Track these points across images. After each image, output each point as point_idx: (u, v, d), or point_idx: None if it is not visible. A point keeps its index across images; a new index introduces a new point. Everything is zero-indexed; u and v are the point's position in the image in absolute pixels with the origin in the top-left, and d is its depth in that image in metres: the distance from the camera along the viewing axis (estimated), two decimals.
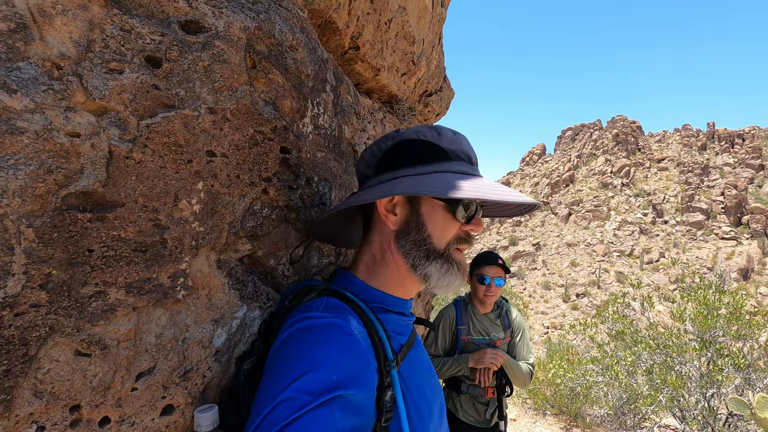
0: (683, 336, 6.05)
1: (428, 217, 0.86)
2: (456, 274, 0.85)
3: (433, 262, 0.85)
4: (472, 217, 0.88)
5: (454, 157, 0.88)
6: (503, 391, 2.49)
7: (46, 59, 0.61)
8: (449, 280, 0.85)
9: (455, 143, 0.89)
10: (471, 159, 0.90)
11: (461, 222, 0.86)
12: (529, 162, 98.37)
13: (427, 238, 0.85)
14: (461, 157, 0.89)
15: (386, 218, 0.89)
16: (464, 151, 0.90)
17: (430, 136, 0.89)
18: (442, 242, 0.85)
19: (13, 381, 0.58)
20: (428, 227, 0.86)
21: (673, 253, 50.02)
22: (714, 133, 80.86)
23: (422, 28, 2.41)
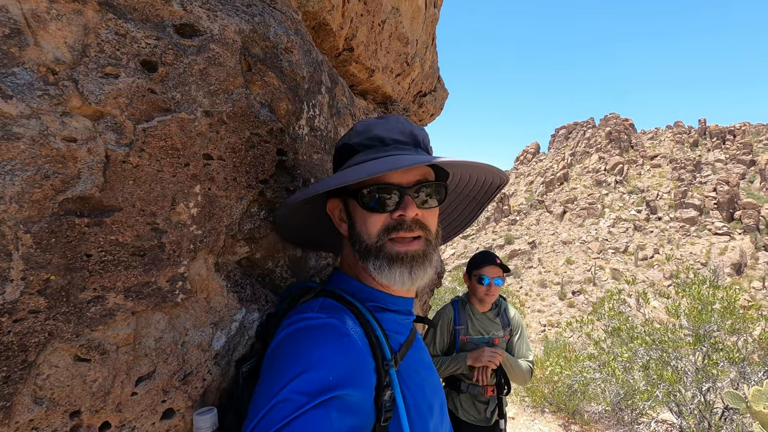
0: (678, 331, 6.10)
1: (354, 217, 0.86)
2: (388, 269, 0.80)
3: (368, 260, 0.83)
4: (398, 202, 0.81)
5: (360, 147, 0.87)
6: (502, 390, 2.49)
7: (41, 64, 0.61)
8: (387, 276, 0.81)
9: (363, 133, 0.88)
10: (384, 140, 0.86)
11: (379, 211, 0.81)
12: (524, 161, 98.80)
13: (359, 237, 0.85)
14: (369, 143, 0.86)
15: (339, 226, 0.92)
16: (373, 136, 0.86)
17: (346, 137, 0.91)
18: (371, 237, 0.82)
19: (12, 387, 0.57)
20: (357, 225, 0.86)
21: (667, 249, 50.43)
22: (705, 129, 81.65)
23: (416, 28, 2.42)
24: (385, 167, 0.75)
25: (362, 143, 0.87)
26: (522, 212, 71.66)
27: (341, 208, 0.91)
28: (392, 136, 0.87)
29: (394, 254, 0.81)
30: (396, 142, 0.87)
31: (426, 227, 0.85)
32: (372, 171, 0.74)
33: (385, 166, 0.76)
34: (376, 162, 0.81)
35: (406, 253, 0.81)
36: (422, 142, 0.91)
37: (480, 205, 1.09)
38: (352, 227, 0.88)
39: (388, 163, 0.78)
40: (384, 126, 0.88)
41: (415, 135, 0.89)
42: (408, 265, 0.81)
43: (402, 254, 0.81)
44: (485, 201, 1.07)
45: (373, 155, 0.84)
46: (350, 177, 0.77)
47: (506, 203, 73.19)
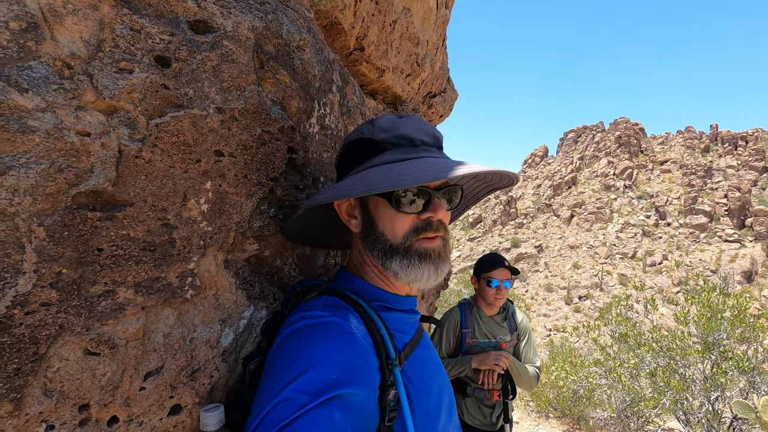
0: (687, 339, 6.02)
1: (377, 215, 0.85)
2: (419, 266, 0.81)
3: (393, 259, 0.82)
4: (428, 203, 0.82)
5: (388, 145, 0.86)
6: (508, 394, 2.47)
7: (57, 58, 0.62)
8: (414, 273, 0.81)
9: (389, 130, 0.86)
10: (413, 140, 0.86)
11: (410, 212, 0.82)
12: (532, 164, 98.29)
13: (381, 236, 0.84)
14: (397, 142, 0.85)
15: (348, 223, 0.91)
16: (402, 134, 0.85)
17: (367, 132, 0.89)
18: (397, 237, 0.82)
19: (23, 380, 0.58)
20: (379, 225, 0.85)
21: (676, 255, 49.86)
22: (717, 135, 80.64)
23: (426, 29, 2.42)
24: (439, 174, 0.75)
25: (390, 141, 0.86)
26: (529, 215, 71.28)
27: (351, 204, 0.90)
28: (420, 137, 0.86)
29: (423, 251, 0.82)
30: (423, 143, 0.86)
31: (446, 227, 0.87)
32: (421, 177, 0.74)
33: (438, 173, 0.75)
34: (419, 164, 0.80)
35: (433, 250, 0.83)
36: (442, 144, 0.92)
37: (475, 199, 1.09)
38: (371, 225, 0.87)
39: (435, 169, 0.77)
40: (410, 125, 0.87)
41: (437, 137, 0.90)
42: (434, 261, 0.83)
43: (431, 251, 0.83)
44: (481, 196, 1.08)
45: (404, 155, 0.84)
46: (404, 179, 0.75)
47: (513, 206, 72.87)
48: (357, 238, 0.92)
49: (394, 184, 0.74)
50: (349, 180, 0.85)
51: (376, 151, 0.87)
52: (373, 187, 0.77)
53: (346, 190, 0.81)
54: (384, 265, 0.85)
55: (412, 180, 0.74)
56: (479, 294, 2.58)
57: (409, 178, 0.74)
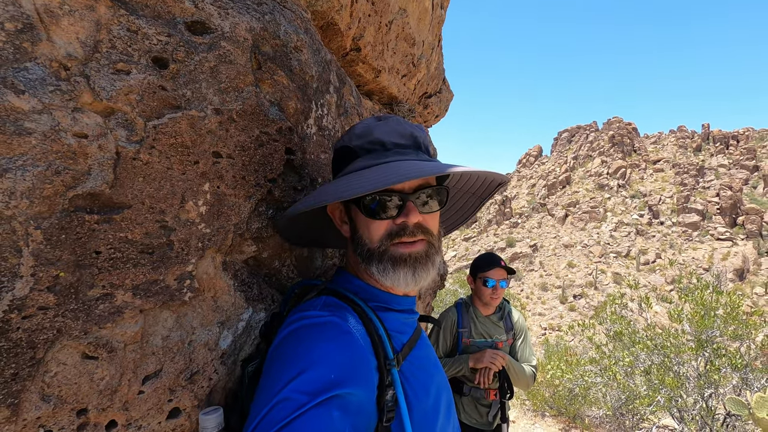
0: (681, 336, 6.07)
1: (357, 221, 0.86)
2: (393, 271, 0.80)
3: (372, 263, 0.83)
4: (401, 207, 0.81)
5: (361, 151, 0.86)
6: (505, 394, 2.48)
7: (53, 60, 0.61)
8: (391, 278, 0.81)
9: (363, 136, 0.87)
10: (384, 144, 0.85)
11: (383, 218, 0.81)
12: (526, 164, 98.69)
13: (360, 241, 0.85)
14: (369, 147, 0.85)
15: (341, 228, 0.92)
16: (374, 139, 0.85)
17: (345, 139, 0.90)
18: (374, 242, 0.82)
19: (20, 384, 0.57)
20: (359, 230, 0.86)
21: (669, 254, 50.27)
22: (709, 134, 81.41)
23: (422, 29, 2.42)
24: (389, 180, 0.74)
25: (362, 147, 0.86)
26: (524, 215, 71.55)
27: (342, 210, 0.91)
28: (393, 140, 0.86)
29: (398, 256, 0.81)
30: (397, 146, 0.86)
31: (428, 231, 0.84)
32: (376, 184, 0.73)
33: (389, 179, 0.74)
34: (378, 170, 0.79)
35: (409, 255, 0.81)
36: (423, 144, 0.90)
37: (480, 199, 1.08)
38: (354, 230, 0.88)
39: (392, 174, 0.76)
40: (384, 128, 0.86)
41: (415, 137, 0.88)
42: (411, 266, 0.81)
43: (405, 256, 0.81)
44: (486, 197, 1.07)
45: (374, 161, 0.83)
46: (354, 189, 0.76)
47: (508, 206, 73.11)
48: (349, 242, 0.93)
49: (352, 192, 0.74)
50: (321, 189, 0.86)
51: (351, 157, 0.88)
52: (335, 194, 0.78)
53: (318, 198, 0.82)
54: (366, 268, 0.85)
55: (369, 186, 0.73)
56: (476, 294, 2.58)
57: (366, 185, 0.74)
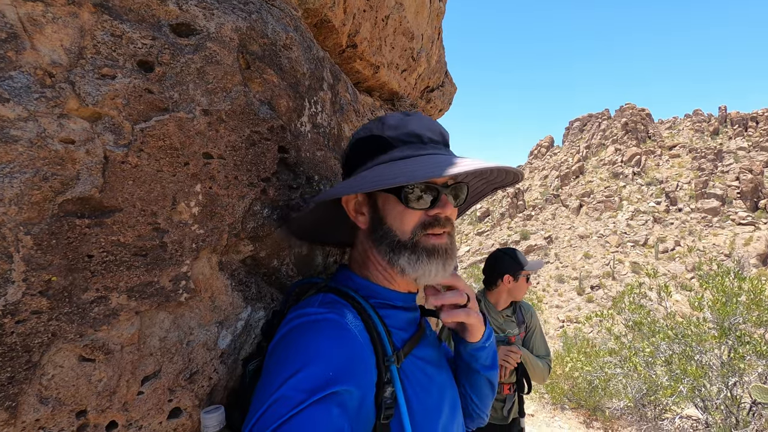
0: (702, 324, 5.94)
1: (385, 211, 0.86)
2: (427, 262, 0.82)
3: (401, 255, 0.83)
4: (435, 199, 0.82)
5: (397, 143, 0.86)
6: (522, 388, 2.47)
7: (38, 67, 0.62)
8: (422, 269, 0.82)
9: (399, 128, 0.87)
10: (422, 138, 0.86)
11: (418, 208, 0.82)
12: (537, 155, 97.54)
13: (389, 232, 0.85)
14: (406, 139, 0.86)
15: (356, 219, 0.91)
16: (411, 132, 0.86)
17: (375, 129, 0.89)
18: (405, 233, 0.83)
19: (17, 388, 0.58)
20: (387, 220, 0.85)
21: (688, 241, 49.17)
22: (726, 117, 79.25)
23: (420, 23, 2.40)
24: (449, 170, 0.75)
25: (399, 138, 0.86)
26: (537, 207, 70.76)
27: (359, 200, 0.90)
28: (428, 134, 0.87)
29: (431, 247, 0.83)
30: (431, 141, 0.87)
31: (453, 223, 0.87)
32: (432, 172, 0.74)
33: (447, 169, 0.75)
34: (428, 161, 0.80)
35: (441, 246, 0.84)
36: (449, 142, 0.92)
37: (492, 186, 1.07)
38: (379, 221, 0.87)
39: (442, 165, 0.77)
40: (418, 123, 0.87)
41: (444, 134, 0.90)
42: (443, 257, 0.83)
43: (438, 247, 0.83)
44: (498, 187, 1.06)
45: (413, 152, 0.84)
46: (415, 175, 0.75)
47: (521, 198, 72.39)
48: (363, 235, 0.92)
49: (407, 179, 0.75)
50: (360, 176, 0.85)
51: (385, 148, 0.87)
52: (385, 181, 0.77)
53: (359, 184, 0.81)
54: (391, 261, 0.85)
55: (422, 175, 0.74)
56: (515, 291, 2.54)
57: (420, 174, 0.75)
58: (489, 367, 1.03)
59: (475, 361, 1.01)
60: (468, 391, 1.05)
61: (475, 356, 1.00)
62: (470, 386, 1.05)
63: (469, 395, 1.05)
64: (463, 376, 1.05)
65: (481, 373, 1.02)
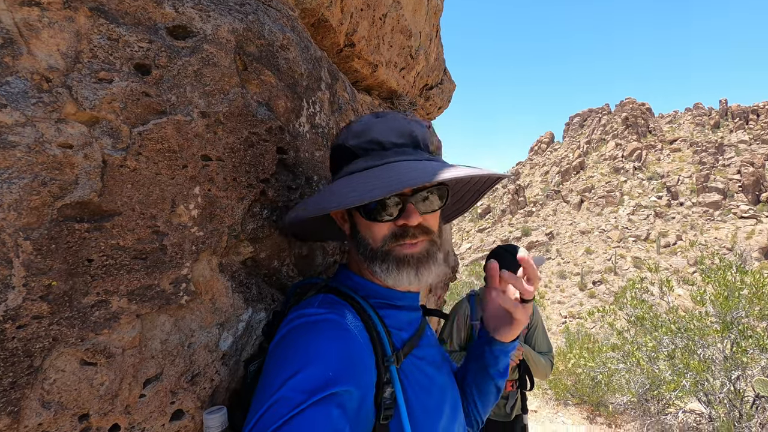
0: (705, 319, 5.93)
1: (357, 222, 0.86)
2: (396, 271, 0.80)
3: (374, 263, 0.82)
4: (402, 209, 0.80)
5: (359, 151, 0.85)
6: (525, 385, 2.47)
7: (34, 72, 0.62)
8: (394, 278, 0.81)
9: (361, 135, 0.85)
10: (382, 144, 0.84)
11: (383, 221, 0.80)
12: (538, 151, 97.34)
13: (362, 241, 0.84)
14: (368, 147, 0.84)
15: (342, 226, 0.92)
16: (372, 139, 0.84)
17: (342, 137, 0.89)
18: (376, 242, 0.82)
19: (19, 392, 0.58)
20: (361, 231, 0.85)
21: (690, 235, 49.08)
22: (727, 110, 78.99)
23: (418, 21, 2.39)
24: (389, 188, 0.72)
25: (360, 146, 0.85)
26: (538, 203, 70.67)
27: (343, 210, 0.90)
28: (390, 139, 0.84)
29: (401, 257, 0.81)
30: (395, 146, 0.84)
31: (429, 230, 0.84)
32: (373, 192, 0.72)
33: (388, 187, 0.72)
34: (379, 173, 0.78)
35: (412, 256, 0.81)
36: (422, 142, 0.88)
37: (478, 193, 1.06)
38: (355, 230, 0.87)
39: (392, 181, 0.74)
40: (381, 127, 0.85)
41: (414, 135, 0.87)
42: (414, 266, 0.81)
43: (409, 257, 0.81)
44: (484, 190, 1.05)
45: (374, 162, 0.82)
46: (350, 199, 0.74)
47: (522, 195, 72.32)
48: (351, 240, 0.92)
49: (350, 201, 0.73)
50: (320, 193, 0.86)
51: (349, 158, 0.87)
52: (326, 205, 0.77)
53: (311, 208, 0.82)
54: (369, 267, 0.85)
55: (360, 197, 0.72)
56: None
57: (361, 195, 0.73)
58: (502, 374, 1.01)
59: (494, 364, 0.98)
60: (474, 395, 1.03)
61: (497, 359, 0.98)
62: (478, 391, 1.02)
63: (474, 399, 1.03)
64: (472, 379, 1.03)
65: (494, 380, 1.00)
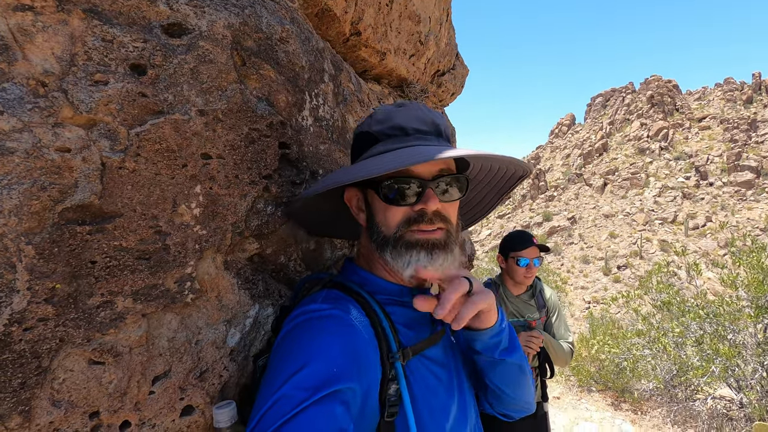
0: (736, 303, 5.72)
1: (374, 208, 0.85)
2: (405, 252, 0.78)
3: (387, 250, 0.81)
4: (421, 194, 0.79)
5: (382, 137, 0.84)
6: (545, 373, 2.45)
7: (30, 78, 0.62)
8: (402, 259, 0.78)
9: (384, 121, 0.85)
10: (405, 130, 0.84)
11: (399, 204, 0.79)
12: (558, 134, 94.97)
13: (376, 227, 0.83)
14: (390, 133, 0.84)
15: (357, 216, 0.91)
16: (395, 125, 0.84)
17: (365, 124, 0.88)
18: (390, 228, 0.81)
19: (29, 392, 0.60)
20: (376, 217, 0.84)
21: (720, 216, 47.27)
22: (761, 84, 75.05)
23: (427, 5, 2.33)
24: (405, 161, 0.72)
25: (383, 132, 0.85)
26: (559, 187, 69.19)
27: (359, 197, 0.89)
28: (413, 125, 0.84)
29: (414, 240, 0.79)
30: (417, 132, 0.84)
31: (447, 219, 0.82)
32: (392, 165, 0.72)
33: (405, 160, 0.73)
34: (396, 153, 0.78)
35: (426, 240, 0.79)
36: (444, 132, 0.88)
37: (499, 194, 1.03)
38: (371, 218, 0.86)
39: (409, 156, 0.75)
40: (405, 114, 0.85)
41: (437, 124, 0.86)
42: (426, 248, 0.79)
43: (422, 240, 0.79)
44: (505, 191, 1.02)
45: (395, 145, 0.82)
46: (370, 170, 0.75)
47: (542, 179, 70.91)
48: (364, 231, 0.91)
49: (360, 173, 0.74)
50: (333, 173, 0.84)
51: (372, 143, 0.86)
52: (340, 179, 0.76)
53: (324, 183, 0.81)
54: (382, 256, 0.83)
55: (379, 168, 0.72)
56: (507, 273, 2.52)
57: (380, 167, 0.73)
58: (510, 349, 0.91)
59: (496, 348, 0.88)
60: (501, 388, 0.93)
61: (496, 343, 0.88)
62: (501, 381, 0.93)
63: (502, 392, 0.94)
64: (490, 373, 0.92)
65: (507, 360, 0.90)
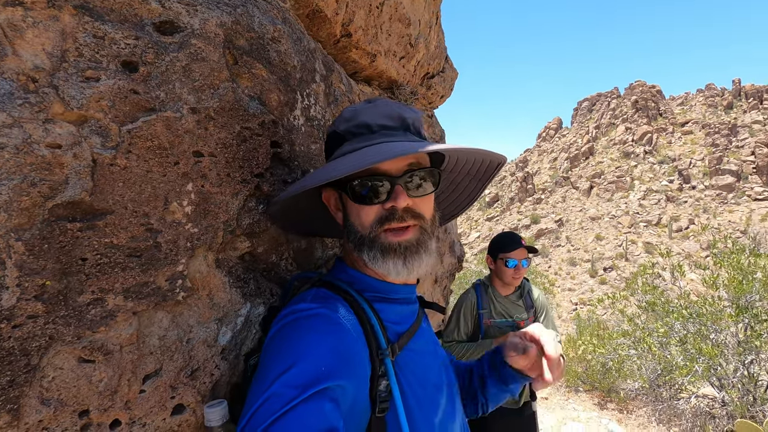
0: (717, 303, 5.86)
1: (348, 208, 0.85)
2: (382, 261, 0.79)
3: (362, 250, 0.81)
4: (390, 192, 0.78)
5: (348, 135, 0.84)
6: None
7: (20, 73, 0.62)
8: (382, 265, 0.79)
9: (350, 119, 0.85)
10: (370, 127, 0.83)
11: (369, 203, 0.79)
12: (546, 138, 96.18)
13: (352, 227, 0.84)
14: (356, 131, 0.84)
15: (336, 216, 0.91)
16: (360, 122, 0.83)
17: (334, 124, 0.89)
18: (365, 228, 0.81)
19: (18, 390, 0.59)
20: (350, 217, 0.84)
21: (703, 218, 48.34)
22: (740, 90, 77.08)
23: (417, 8, 2.35)
24: (364, 161, 0.72)
25: (349, 131, 0.84)
26: (547, 190, 69.99)
27: (336, 197, 0.89)
28: (379, 122, 0.83)
29: (387, 245, 0.79)
30: (383, 128, 0.83)
31: (420, 215, 0.82)
32: (352, 166, 0.72)
33: (365, 160, 0.73)
34: (361, 152, 0.78)
35: (399, 244, 0.79)
36: (412, 125, 0.87)
37: (481, 182, 1.05)
38: (347, 218, 0.86)
39: (375, 154, 0.74)
40: (371, 111, 0.84)
41: (404, 118, 0.85)
42: (402, 255, 0.79)
43: (395, 245, 0.79)
44: (486, 179, 1.03)
45: (360, 144, 0.81)
46: (331, 172, 0.75)
47: (530, 182, 71.65)
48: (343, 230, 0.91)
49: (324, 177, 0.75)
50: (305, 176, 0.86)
51: (339, 142, 0.87)
52: (307, 183, 0.77)
53: (294, 187, 0.82)
54: (358, 255, 0.84)
55: (337, 172, 0.73)
56: (496, 274, 2.54)
57: (341, 168, 0.73)
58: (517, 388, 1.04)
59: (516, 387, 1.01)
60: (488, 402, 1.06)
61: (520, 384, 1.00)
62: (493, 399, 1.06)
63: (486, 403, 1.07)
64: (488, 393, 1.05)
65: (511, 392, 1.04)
